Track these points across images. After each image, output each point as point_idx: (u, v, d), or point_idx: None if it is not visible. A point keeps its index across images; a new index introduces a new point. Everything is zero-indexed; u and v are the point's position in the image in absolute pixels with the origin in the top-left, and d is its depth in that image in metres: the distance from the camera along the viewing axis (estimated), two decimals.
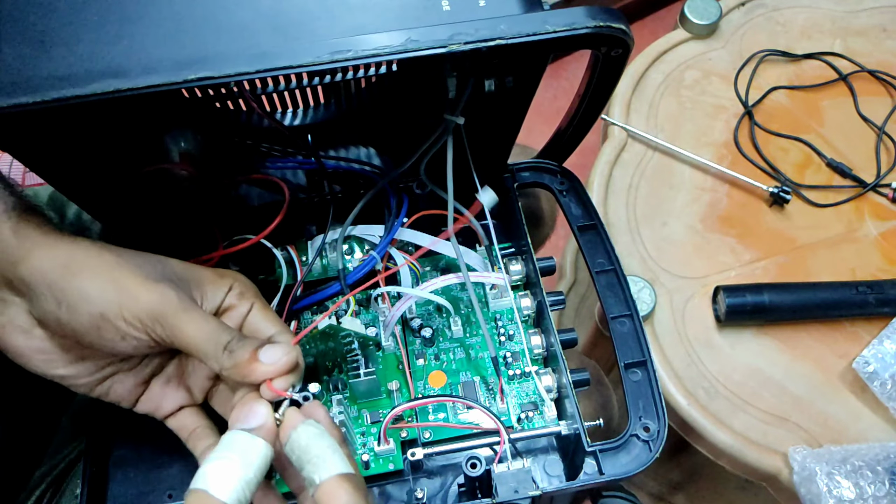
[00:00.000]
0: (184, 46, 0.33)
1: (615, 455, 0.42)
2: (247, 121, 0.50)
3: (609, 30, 0.35)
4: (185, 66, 0.31)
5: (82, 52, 0.32)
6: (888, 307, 0.60)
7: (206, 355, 0.35)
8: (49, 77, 0.31)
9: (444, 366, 0.48)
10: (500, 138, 0.49)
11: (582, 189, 0.53)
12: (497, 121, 0.46)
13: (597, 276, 0.49)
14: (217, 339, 0.35)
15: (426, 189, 0.51)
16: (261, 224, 0.48)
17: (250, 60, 0.32)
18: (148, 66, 0.31)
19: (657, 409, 0.44)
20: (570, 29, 0.34)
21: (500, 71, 0.39)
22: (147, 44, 0.33)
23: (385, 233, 0.49)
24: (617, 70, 0.40)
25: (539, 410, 0.46)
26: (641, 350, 0.46)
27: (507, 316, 0.50)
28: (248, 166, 0.51)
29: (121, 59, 0.32)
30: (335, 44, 0.32)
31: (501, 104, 0.44)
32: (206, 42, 0.33)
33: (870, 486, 0.52)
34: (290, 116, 0.51)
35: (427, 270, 0.52)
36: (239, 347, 0.34)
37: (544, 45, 0.34)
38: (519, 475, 0.40)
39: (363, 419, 0.46)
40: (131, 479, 0.42)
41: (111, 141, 0.40)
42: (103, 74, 0.31)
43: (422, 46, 0.33)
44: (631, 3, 1.48)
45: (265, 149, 0.52)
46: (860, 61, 0.76)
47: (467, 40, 0.33)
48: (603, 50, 0.38)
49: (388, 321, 0.47)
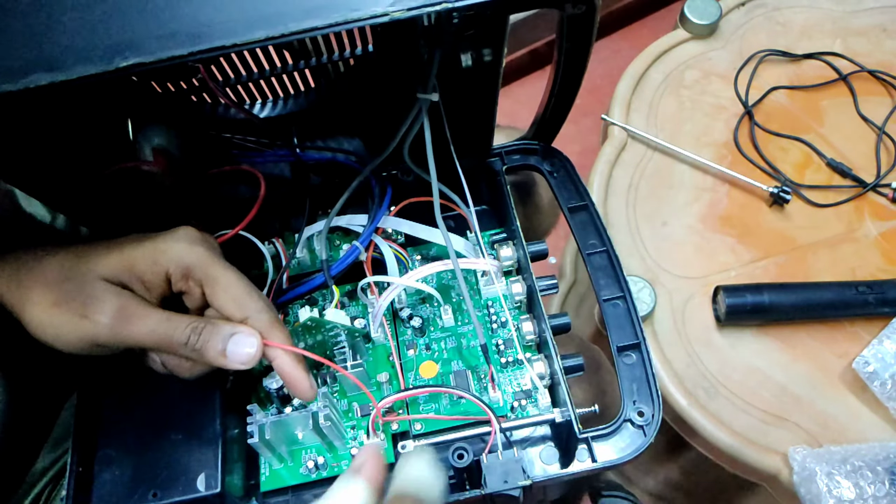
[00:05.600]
0: (116, 31, 0.30)
1: (608, 441, 0.41)
2: (224, 113, 0.49)
3: None
4: (116, 52, 0.29)
5: (14, 44, 0.30)
6: (888, 307, 0.60)
7: (172, 351, 0.36)
8: None
9: (435, 356, 0.48)
10: (479, 118, 0.48)
11: (572, 169, 0.52)
12: (474, 99, 0.45)
13: (588, 258, 0.48)
14: (172, 340, 0.35)
15: (411, 175, 0.51)
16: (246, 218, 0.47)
17: (184, 41, 0.29)
18: (80, 54, 0.29)
19: (651, 392, 0.42)
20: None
21: (473, 43, 0.38)
22: (80, 31, 0.30)
23: (368, 222, 0.49)
24: (585, 32, 0.38)
25: (533, 398, 0.45)
26: (635, 332, 0.45)
27: (499, 303, 0.49)
28: (226, 159, 0.51)
29: (53, 50, 0.30)
30: (270, 20, 0.30)
31: (472, 81, 0.43)
32: (139, 25, 0.30)
33: (870, 486, 0.52)
34: (269, 107, 0.50)
35: (417, 260, 0.52)
36: (202, 344, 0.35)
37: (498, 4, 0.32)
38: (508, 465, 0.39)
39: (353, 412, 0.45)
40: (117, 479, 0.42)
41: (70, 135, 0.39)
42: (36, 66, 0.29)
43: (363, 17, 0.30)
44: (631, 3, 1.48)
45: (239, 140, 0.51)
46: (860, 61, 0.76)
47: (410, 6, 0.30)
48: (567, 10, 0.35)
49: (376, 312, 0.46)
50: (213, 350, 0.35)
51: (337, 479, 0.31)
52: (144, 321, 0.35)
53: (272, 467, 0.44)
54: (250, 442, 0.40)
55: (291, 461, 0.44)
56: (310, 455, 0.44)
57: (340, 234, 0.53)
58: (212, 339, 0.36)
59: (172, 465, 0.41)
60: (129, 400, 0.43)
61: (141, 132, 0.44)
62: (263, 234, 0.50)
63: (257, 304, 0.38)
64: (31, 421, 0.50)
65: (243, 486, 0.43)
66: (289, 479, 0.44)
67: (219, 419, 0.42)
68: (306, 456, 0.44)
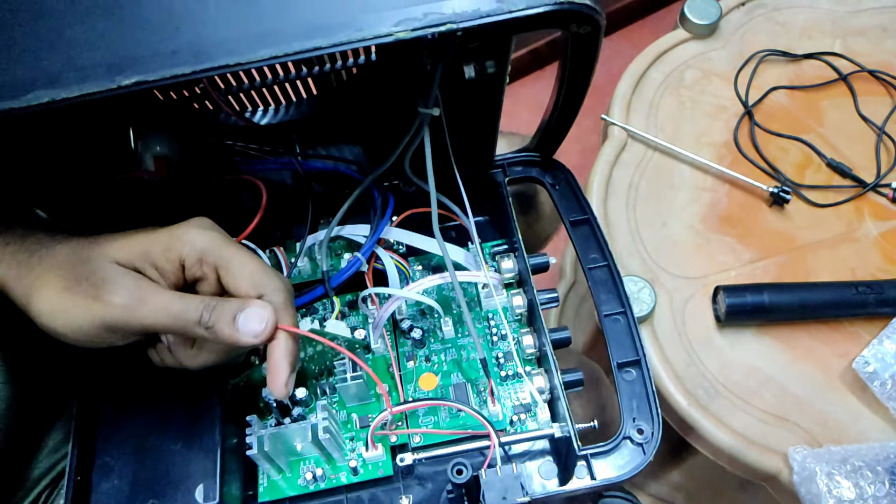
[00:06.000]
0: (118, 48, 0.30)
1: (607, 458, 0.41)
2: (225, 120, 0.49)
3: (572, 6, 0.32)
4: (118, 70, 0.29)
5: (15, 60, 0.30)
6: (888, 307, 0.60)
7: (184, 332, 0.35)
8: None
9: (434, 368, 0.47)
10: (481, 129, 0.48)
11: (574, 182, 0.52)
12: (477, 110, 0.45)
13: (589, 272, 0.48)
14: (186, 319, 0.35)
15: (413, 187, 0.50)
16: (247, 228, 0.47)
17: (186, 59, 0.29)
18: (83, 71, 0.29)
19: (651, 410, 0.42)
20: (529, 7, 0.31)
21: (477, 56, 0.37)
22: (82, 47, 0.30)
23: (370, 233, 0.49)
24: (590, 50, 0.38)
25: (532, 412, 0.45)
26: (635, 349, 0.45)
27: (500, 315, 0.49)
28: (227, 167, 0.50)
29: (55, 66, 0.30)
30: (273, 38, 0.30)
31: (475, 93, 0.43)
32: (141, 42, 0.30)
33: (870, 487, 0.52)
34: (270, 114, 0.50)
35: (418, 270, 0.52)
36: (214, 321, 0.35)
37: (502, 26, 0.31)
38: (507, 481, 0.39)
39: (353, 424, 0.45)
40: (115, 488, 0.41)
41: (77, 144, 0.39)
42: (37, 83, 0.29)
43: (366, 37, 0.30)
44: (631, 3, 1.48)
45: (241, 147, 0.51)
46: (860, 61, 0.76)
47: (414, 27, 0.30)
48: (573, 29, 0.35)
49: (377, 323, 0.46)
50: (225, 324, 0.35)
51: None
52: (158, 299, 0.35)
53: (270, 478, 0.44)
54: (249, 454, 0.40)
55: (290, 472, 0.44)
56: (308, 466, 0.44)
57: (342, 243, 0.52)
58: (224, 313, 0.35)
59: (171, 474, 0.41)
60: (128, 409, 0.43)
61: (142, 140, 0.43)
62: (264, 242, 0.49)
63: (274, 283, 0.37)
64: (34, 420, 0.50)
65: (241, 496, 0.43)
66: (287, 491, 0.43)
67: (218, 429, 0.42)
68: (304, 467, 0.44)
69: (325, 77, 0.47)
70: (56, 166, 0.40)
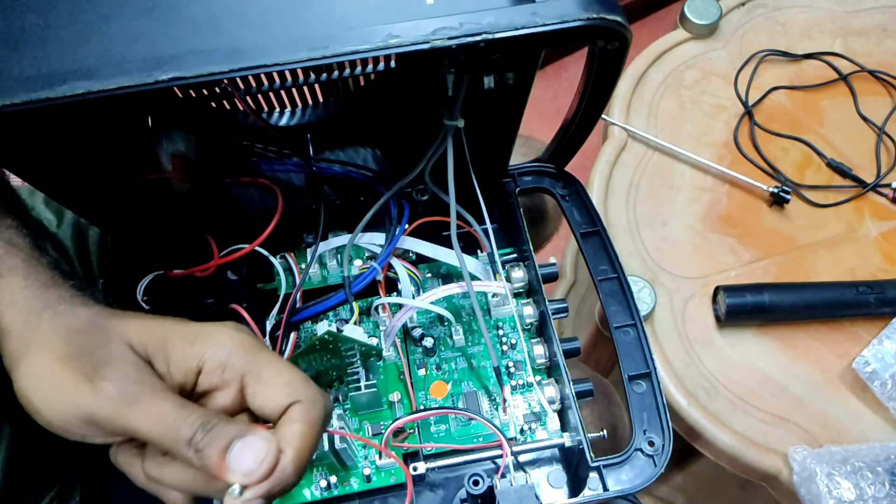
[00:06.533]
0: (156, 44, 0.31)
1: (619, 470, 0.41)
2: (242, 120, 0.49)
3: (603, 22, 0.32)
4: (155, 65, 0.29)
5: (52, 52, 0.30)
6: (888, 307, 0.60)
7: (171, 449, 0.30)
8: (18, 78, 0.29)
9: (445, 376, 0.48)
10: (498, 140, 0.49)
11: (584, 193, 0.52)
12: (495, 121, 0.45)
13: (600, 284, 0.49)
14: (177, 433, 0.29)
15: (426, 195, 0.51)
16: (260, 231, 0.47)
17: (224, 58, 0.29)
18: (119, 65, 0.29)
19: (662, 422, 0.43)
20: (562, 22, 0.32)
21: (497, 67, 0.38)
22: (119, 42, 0.30)
23: (386, 242, 0.49)
24: (615, 65, 0.39)
25: (542, 421, 0.46)
26: (646, 361, 0.45)
27: (509, 324, 0.49)
28: (243, 167, 0.50)
29: (91, 60, 0.30)
30: (312, 41, 0.30)
31: (498, 103, 0.43)
32: (179, 39, 0.31)
33: (870, 487, 0.52)
34: (287, 116, 0.50)
35: (428, 277, 0.52)
36: (207, 444, 0.29)
37: (535, 39, 0.32)
38: (522, 491, 0.39)
39: (364, 431, 0.45)
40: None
41: (101, 142, 0.39)
42: (74, 75, 0.29)
43: (403, 43, 0.30)
44: (631, 3, 1.48)
45: (259, 149, 0.51)
46: (860, 61, 0.76)
47: (451, 35, 0.31)
48: (599, 44, 0.35)
49: (389, 331, 0.46)
50: (215, 450, 0.29)
51: None
52: (154, 403, 0.29)
53: None
54: None
55: (303, 479, 0.44)
56: (321, 473, 0.44)
57: (354, 250, 0.52)
58: (220, 436, 0.29)
59: None
60: None
61: (160, 138, 0.43)
62: (275, 247, 0.49)
63: (314, 393, 0.32)
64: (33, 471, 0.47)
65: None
66: (299, 498, 0.43)
67: None
68: (317, 474, 0.44)
69: (343, 81, 0.47)
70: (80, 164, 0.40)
